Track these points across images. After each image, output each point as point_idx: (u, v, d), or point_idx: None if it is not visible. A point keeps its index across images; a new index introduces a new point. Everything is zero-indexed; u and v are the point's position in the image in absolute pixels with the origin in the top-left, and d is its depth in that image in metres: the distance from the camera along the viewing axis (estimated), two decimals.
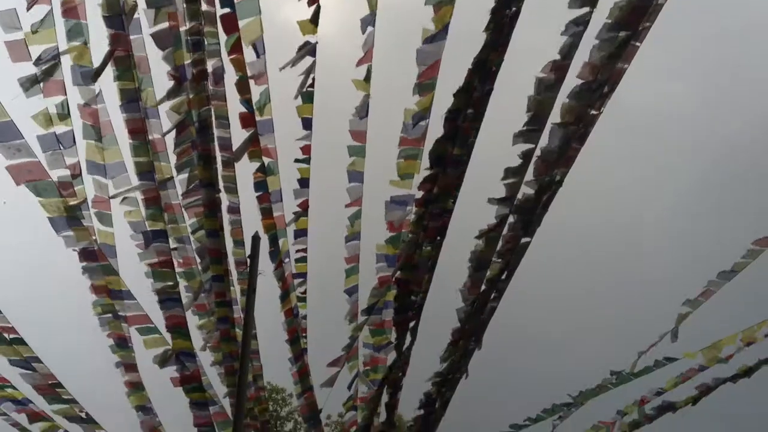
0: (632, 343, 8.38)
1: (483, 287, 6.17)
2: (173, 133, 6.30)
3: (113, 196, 6.43)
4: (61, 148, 6.09)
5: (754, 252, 7.36)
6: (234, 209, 7.10)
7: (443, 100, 5.79)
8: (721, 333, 7.77)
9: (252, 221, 7.21)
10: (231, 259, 7.23)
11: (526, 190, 5.90)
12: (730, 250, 7.54)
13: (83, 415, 8.33)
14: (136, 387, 8.05)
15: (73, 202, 6.22)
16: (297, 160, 7.12)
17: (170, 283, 6.57)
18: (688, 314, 7.85)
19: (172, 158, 6.59)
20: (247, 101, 6.35)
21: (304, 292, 8.35)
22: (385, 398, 7.25)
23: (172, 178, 6.76)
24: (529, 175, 5.74)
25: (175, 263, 6.87)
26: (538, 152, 5.66)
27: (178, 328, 6.66)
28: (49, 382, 7.82)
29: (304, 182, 7.33)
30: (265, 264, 7.33)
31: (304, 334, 8.22)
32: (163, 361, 6.66)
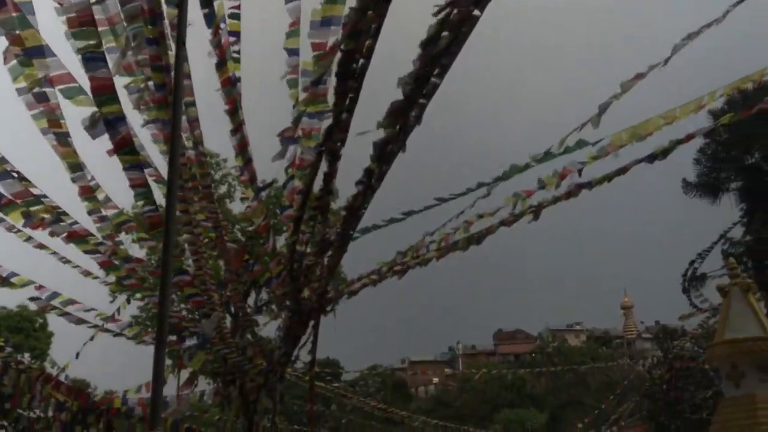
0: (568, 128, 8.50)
1: (429, 63, 6.00)
2: None
3: None
4: None
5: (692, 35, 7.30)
6: None
7: None
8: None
9: None
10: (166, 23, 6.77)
11: None
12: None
13: (15, 174, 8.21)
14: (64, 144, 7.85)
15: None
16: None
17: (92, 42, 6.12)
18: (619, 95, 7.87)
19: None
20: None
21: (238, 53, 8.03)
22: (324, 168, 7.34)
23: None
24: None
25: (98, 20, 6.39)
26: None
27: (105, 91, 6.32)
28: None
29: None
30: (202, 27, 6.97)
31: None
32: (92, 124, 6.39)
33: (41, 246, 9.92)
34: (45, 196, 8.66)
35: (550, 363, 65.53)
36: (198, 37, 7.26)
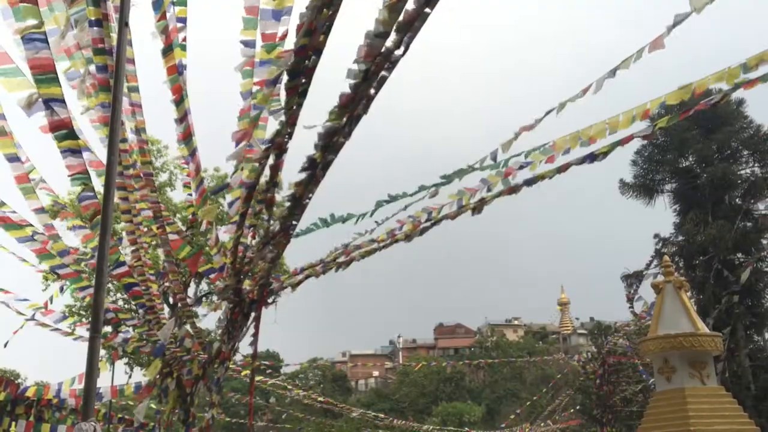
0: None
1: (378, 57, 6.01)
2: None
3: None
4: None
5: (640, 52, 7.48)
6: None
7: None
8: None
9: None
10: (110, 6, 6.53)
11: None
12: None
13: None
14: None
15: None
16: None
17: (34, 22, 5.88)
18: (565, 104, 8.05)
19: None
20: None
21: (185, 40, 7.84)
22: (270, 160, 7.25)
23: None
24: None
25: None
26: None
27: (45, 72, 6.09)
28: None
29: None
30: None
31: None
32: (28, 104, 6.15)
33: None
34: None
35: (488, 357, 66.65)
36: (144, 21, 7.08)
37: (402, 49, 5.74)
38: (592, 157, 8.35)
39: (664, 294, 12.30)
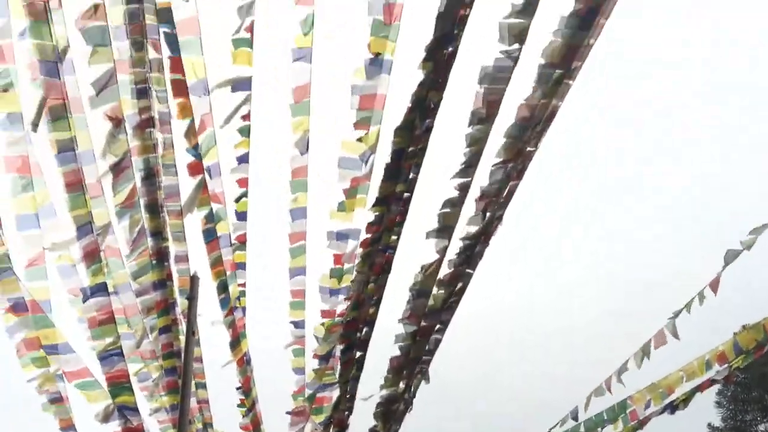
0: (584, 386, 8.54)
1: (425, 318, 6.19)
2: (110, 176, 6.08)
3: (50, 249, 6.10)
4: None
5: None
6: (181, 258, 6.90)
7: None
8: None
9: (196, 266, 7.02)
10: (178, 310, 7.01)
11: (469, 229, 5.99)
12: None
13: None
14: None
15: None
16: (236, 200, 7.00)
17: (111, 339, 6.32)
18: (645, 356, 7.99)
19: (110, 203, 6.34)
20: (194, 148, 6.17)
21: (244, 326, 8.17)
22: None
23: (110, 224, 6.50)
24: (470, 210, 5.85)
25: (115, 310, 6.62)
26: (477, 189, 5.76)
27: (120, 382, 6.39)
28: None
29: (241, 215, 7.13)
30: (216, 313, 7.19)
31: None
32: (105, 417, 6.36)
33: None
34: None
35: None
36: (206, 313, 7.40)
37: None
38: (672, 408, 8.02)
39: None
